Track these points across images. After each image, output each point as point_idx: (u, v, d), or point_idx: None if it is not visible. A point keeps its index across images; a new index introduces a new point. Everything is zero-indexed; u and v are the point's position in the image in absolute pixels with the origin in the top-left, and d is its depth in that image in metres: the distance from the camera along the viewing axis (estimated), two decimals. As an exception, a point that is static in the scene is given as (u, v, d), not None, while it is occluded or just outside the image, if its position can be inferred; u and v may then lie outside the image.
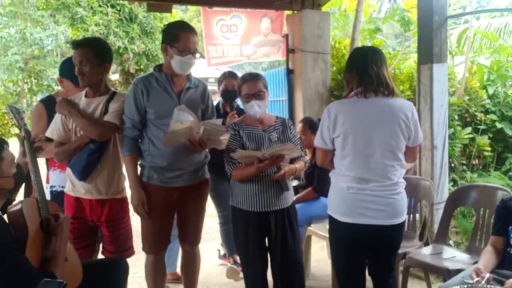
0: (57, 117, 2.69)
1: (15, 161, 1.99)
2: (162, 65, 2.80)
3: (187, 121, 2.50)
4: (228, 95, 3.73)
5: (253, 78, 2.69)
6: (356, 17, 5.94)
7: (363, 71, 2.31)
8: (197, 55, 2.71)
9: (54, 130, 2.68)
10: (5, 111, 2.44)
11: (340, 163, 2.37)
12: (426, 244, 3.47)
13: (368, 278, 2.53)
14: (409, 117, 2.33)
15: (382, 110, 2.31)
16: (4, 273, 1.70)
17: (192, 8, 21.56)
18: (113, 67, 15.11)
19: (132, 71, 14.26)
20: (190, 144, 2.56)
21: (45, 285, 1.39)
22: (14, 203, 2.08)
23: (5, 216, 1.98)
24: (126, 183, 2.80)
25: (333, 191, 2.44)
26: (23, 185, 2.60)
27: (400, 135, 2.31)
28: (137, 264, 3.34)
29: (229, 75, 3.86)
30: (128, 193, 2.78)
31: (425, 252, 3.20)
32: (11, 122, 12.79)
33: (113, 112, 2.62)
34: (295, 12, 5.40)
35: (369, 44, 6.66)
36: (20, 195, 2.44)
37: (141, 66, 14.35)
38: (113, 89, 2.76)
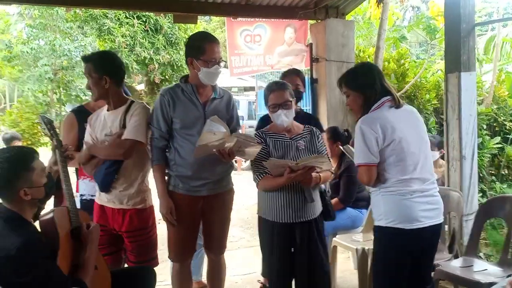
0: (88, 132, 2.76)
1: (46, 170, 2.02)
2: (188, 76, 2.84)
3: (219, 132, 2.51)
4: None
5: (279, 87, 2.68)
6: (380, 25, 5.91)
7: (383, 82, 2.45)
8: (222, 63, 2.74)
9: (86, 143, 2.75)
10: (37, 121, 2.53)
11: (395, 170, 2.36)
12: (456, 256, 3.38)
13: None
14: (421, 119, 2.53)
15: (410, 114, 2.46)
16: (35, 280, 1.74)
17: (215, 19, 21.77)
18: (139, 77, 15.40)
19: (157, 81, 14.47)
20: (219, 154, 2.58)
21: (76, 293, 1.41)
22: (45, 211, 2.12)
23: (36, 224, 2.03)
24: (153, 193, 2.83)
25: (392, 200, 2.38)
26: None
27: (426, 132, 2.50)
28: (163, 272, 3.36)
29: (292, 72, 3.53)
30: (155, 202, 2.82)
31: (455, 265, 3.12)
32: (41, 132, 13.12)
33: (131, 127, 2.62)
34: (319, 21, 5.40)
35: (394, 53, 6.61)
36: (49, 203, 2.49)
37: (166, 76, 14.54)
38: (131, 99, 2.77)
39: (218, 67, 2.70)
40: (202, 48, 2.68)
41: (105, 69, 2.63)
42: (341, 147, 2.77)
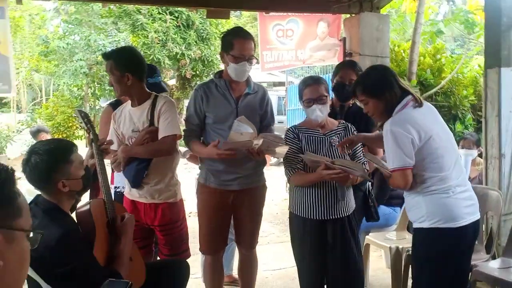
0: (112, 128, 2.79)
1: (84, 163, 2.05)
2: (223, 71, 2.85)
3: (246, 133, 2.51)
4: (342, 90, 3.05)
5: (315, 82, 2.64)
6: (416, 19, 5.75)
7: (399, 83, 2.38)
8: (253, 61, 2.73)
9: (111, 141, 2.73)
10: (75, 115, 2.57)
11: (433, 168, 2.27)
12: (494, 257, 3.27)
13: None
14: None
15: (432, 110, 2.40)
16: (73, 271, 1.77)
17: (246, 14, 21.80)
18: (170, 72, 15.59)
19: (188, 76, 14.62)
20: (248, 153, 2.58)
21: (111, 285, 1.42)
22: (82, 203, 2.16)
23: (73, 215, 2.07)
24: (183, 186, 2.85)
25: (435, 200, 2.28)
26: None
27: None
28: (194, 265, 3.39)
29: (347, 65, 3.22)
30: (184, 196, 2.84)
31: (493, 266, 3.02)
32: (76, 125, 13.47)
33: (166, 123, 2.61)
34: (353, 15, 5.30)
35: (430, 47, 6.44)
36: (85, 196, 2.54)
37: (197, 72, 14.67)
38: (154, 93, 2.76)
39: (247, 63, 2.69)
40: (231, 44, 2.69)
41: (127, 66, 2.62)
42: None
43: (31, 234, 0.97)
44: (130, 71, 2.60)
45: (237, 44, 2.68)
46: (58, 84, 14.88)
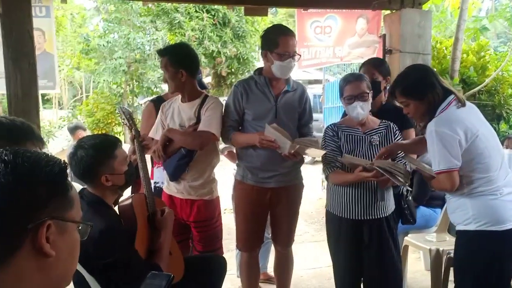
0: (158, 118, 2.85)
1: (127, 159, 2.09)
2: (262, 68, 2.85)
3: (280, 140, 2.53)
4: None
5: (356, 78, 2.59)
6: (460, 15, 5.57)
7: (441, 82, 2.31)
8: (296, 57, 2.73)
9: (156, 131, 2.83)
10: (117, 112, 2.63)
11: (480, 168, 2.19)
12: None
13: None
14: None
15: (475, 110, 2.34)
16: (115, 264, 1.81)
17: (281, 11, 21.73)
18: (206, 70, 15.74)
19: (224, 74, 14.72)
20: (285, 157, 2.59)
21: (153, 277, 1.43)
22: (124, 197, 2.20)
23: (115, 209, 2.11)
24: (220, 184, 2.87)
25: (482, 201, 2.20)
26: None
27: None
28: (229, 262, 3.40)
29: (368, 63, 3.13)
30: (220, 193, 2.86)
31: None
32: (114, 121, 13.80)
33: (207, 120, 2.66)
34: (394, 11, 5.18)
35: (474, 44, 6.24)
36: (127, 190, 2.59)
37: (232, 69, 14.74)
38: (205, 92, 2.82)
39: (292, 60, 2.70)
40: (276, 41, 2.68)
41: (181, 62, 2.67)
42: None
43: (81, 226, 0.99)
44: (184, 68, 2.66)
45: (282, 41, 2.68)
46: (98, 81, 15.27)
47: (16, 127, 1.61)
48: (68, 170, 1.01)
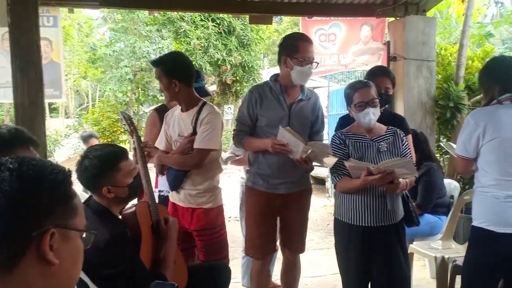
0: (163, 128, 2.85)
1: (133, 172, 2.06)
2: (278, 74, 2.86)
3: (293, 142, 2.55)
4: (379, 99, 2.81)
5: (365, 85, 2.58)
6: (465, 22, 5.55)
7: (509, 79, 2.35)
8: (315, 64, 2.76)
9: (160, 141, 2.85)
10: (118, 117, 2.62)
11: (494, 168, 2.29)
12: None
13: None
14: None
15: None
16: (121, 273, 1.81)
17: (286, 19, 21.81)
18: (212, 78, 15.80)
19: (229, 82, 14.77)
20: (297, 162, 2.59)
21: (157, 287, 1.44)
22: (128, 206, 2.19)
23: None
24: (224, 192, 2.87)
25: (485, 202, 2.33)
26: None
27: None
28: (234, 270, 3.39)
29: (383, 73, 3.07)
30: (225, 201, 2.85)
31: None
32: (120, 130, 13.87)
33: (203, 136, 2.62)
34: (398, 18, 5.20)
35: (479, 51, 6.21)
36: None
37: (237, 77, 14.79)
38: (203, 100, 2.78)
39: (311, 66, 2.72)
40: (297, 47, 2.71)
41: (174, 73, 2.66)
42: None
43: (85, 234, 0.99)
44: (177, 78, 2.65)
45: (302, 47, 2.71)
46: (104, 90, 15.39)
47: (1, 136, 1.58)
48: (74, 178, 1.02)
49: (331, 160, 2.53)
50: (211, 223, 2.73)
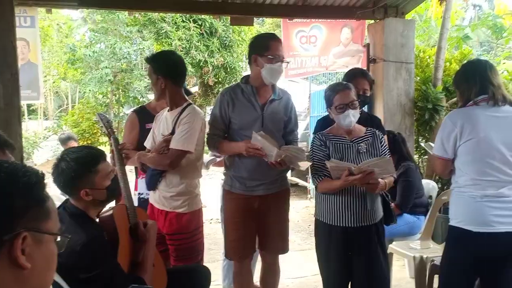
0: (152, 127, 2.84)
1: (111, 174, 2.04)
2: (249, 76, 2.86)
3: (266, 147, 2.55)
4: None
5: (345, 87, 2.61)
6: (442, 24, 5.65)
7: (485, 81, 2.39)
8: (285, 64, 2.77)
9: (148, 140, 2.83)
10: (95, 119, 2.59)
11: (471, 169, 2.33)
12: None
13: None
14: None
15: (508, 116, 2.37)
16: (98, 277, 1.78)
17: (268, 21, 21.87)
18: (193, 79, 15.74)
19: (211, 83, 14.72)
20: (271, 165, 2.59)
21: (135, 290, 1.43)
22: (105, 209, 2.16)
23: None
24: (206, 195, 2.84)
25: (462, 201, 2.38)
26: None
27: None
28: (215, 273, 3.38)
29: (360, 74, 3.13)
30: (207, 203, 2.83)
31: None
32: (99, 132, 13.69)
33: (179, 136, 2.60)
34: (378, 21, 5.26)
35: (457, 53, 6.34)
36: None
37: (219, 79, 14.75)
38: (188, 102, 2.76)
39: (281, 64, 2.73)
40: (267, 45, 2.73)
41: (160, 70, 2.68)
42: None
43: (59, 238, 0.98)
44: (164, 75, 2.66)
45: (272, 45, 2.73)
46: (84, 91, 15.15)
47: None
48: (48, 180, 1.01)
49: (305, 164, 2.57)
50: (182, 229, 2.67)
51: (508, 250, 2.31)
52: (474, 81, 2.41)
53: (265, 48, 2.72)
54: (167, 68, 2.69)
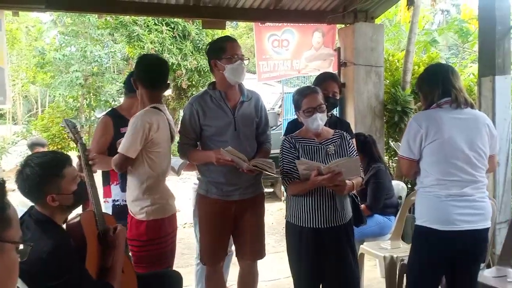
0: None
1: (77, 178, 2.01)
2: (215, 82, 2.86)
3: (237, 160, 2.58)
4: (327, 102, 2.85)
5: (312, 91, 2.65)
6: (410, 29, 5.79)
7: (447, 84, 2.44)
8: (246, 61, 2.77)
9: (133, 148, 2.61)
10: (62, 125, 2.52)
11: (435, 169, 2.40)
12: (488, 266, 3.26)
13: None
14: (490, 125, 2.48)
15: (469, 118, 2.43)
16: (65, 284, 1.75)
17: (242, 25, 21.92)
18: (166, 82, 15.60)
19: (184, 86, 14.63)
20: (242, 171, 2.63)
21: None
22: (72, 215, 2.13)
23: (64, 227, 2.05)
24: (179, 199, 2.82)
25: (427, 201, 2.44)
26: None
27: (486, 140, 2.44)
28: (188, 278, 3.36)
29: (330, 78, 3.20)
30: (180, 207, 2.82)
31: (488, 275, 3.01)
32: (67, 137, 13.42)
33: (123, 140, 2.55)
34: (348, 25, 5.35)
35: (425, 57, 6.49)
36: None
37: (193, 82, 14.68)
38: (154, 105, 2.66)
39: (242, 62, 2.73)
40: (223, 47, 2.74)
41: (136, 73, 2.69)
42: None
43: (21, 246, 0.96)
44: (138, 78, 2.67)
45: (228, 45, 2.74)
46: (54, 95, 14.85)
47: None
48: (11, 187, 0.98)
49: (274, 173, 2.64)
50: (139, 236, 2.57)
51: (472, 248, 2.39)
52: (437, 84, 2.47)
53: (221, 51, 2.73)
54: (139, 72, 2.69)
